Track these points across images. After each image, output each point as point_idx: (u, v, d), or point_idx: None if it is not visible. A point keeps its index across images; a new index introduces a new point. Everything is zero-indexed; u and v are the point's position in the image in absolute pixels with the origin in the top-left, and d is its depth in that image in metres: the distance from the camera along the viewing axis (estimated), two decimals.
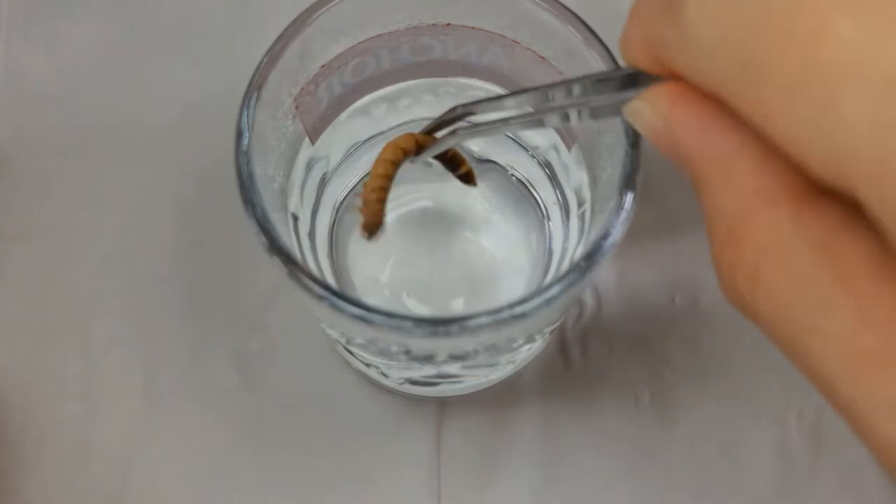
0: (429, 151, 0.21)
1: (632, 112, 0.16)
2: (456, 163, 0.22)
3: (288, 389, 0.27)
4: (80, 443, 0.26)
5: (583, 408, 0.27)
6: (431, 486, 0.26)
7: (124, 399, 0.27)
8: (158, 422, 0.27)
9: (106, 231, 0.28)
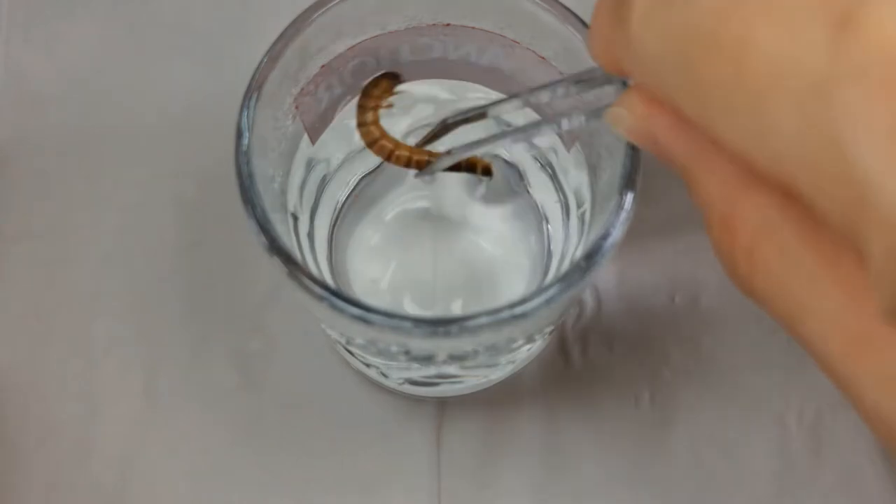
0: (431, 168, 0.21)
1: (612, 119, 0.17)
2: (469, 167, 0.22)
3: (288, 389, 0.27)
4: (80, 443, 0.26)
5: (583, 408, 0.27)
6: (431, 486, 0.26)
7: (124, 399, 0.27)
8: (158, 422, 0.27)
9: (106, 231, 0.28)
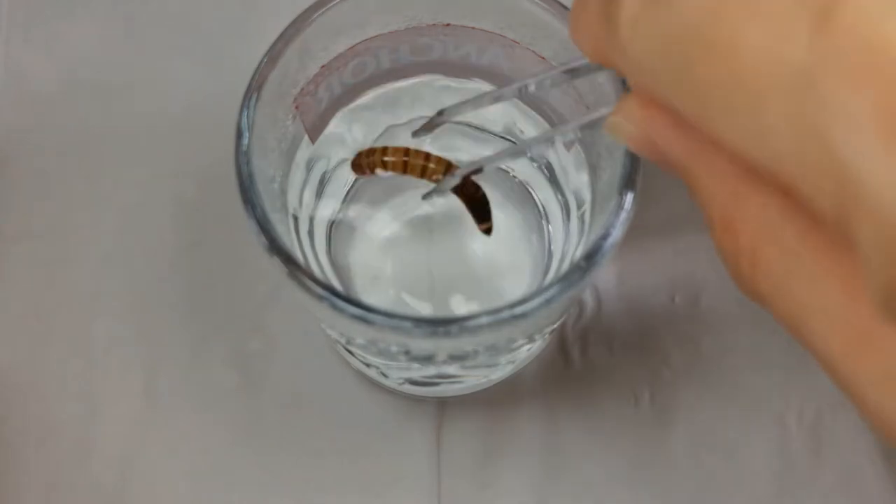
0: (437, 189, 0.21)
1: (611, 128, 0.17)
2: (472, 205, 0.23)
3: (288, 389, 0.27)
4: (80, 443, 0.26)
5: (583, 408, 0.27)
6: (431, 486, 0.26)
7: (124, 399, 0.27)
8: (158, 422, 0.27)
9: (106, 231, 0.28)
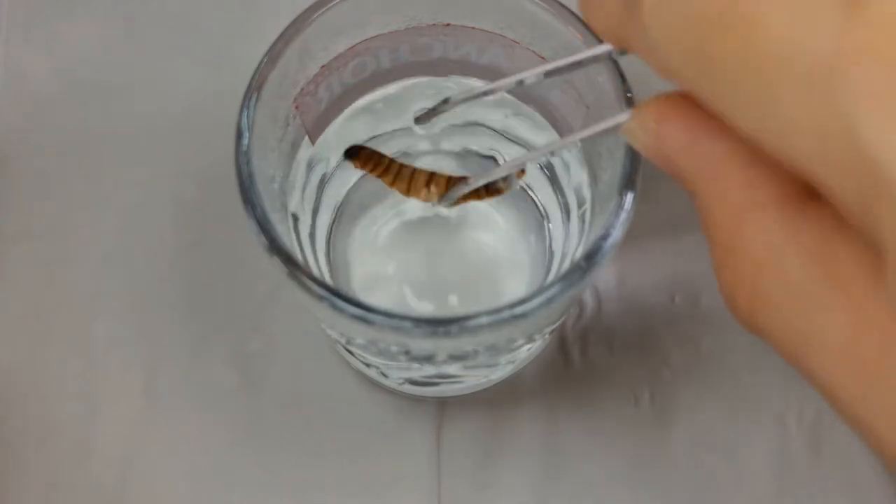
0: (448, 197, 0.21)
1: (627, 132, 0.17)
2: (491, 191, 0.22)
3: (288, 389, 0.27)
4: (80, 443, 0.26)
5: (583, 408, 0.27)
6: (431, 486, 0.26)
7: (124, 399, 0.27)
8: (158, 422, 0.27)
9: (106, 231, 0.28)
